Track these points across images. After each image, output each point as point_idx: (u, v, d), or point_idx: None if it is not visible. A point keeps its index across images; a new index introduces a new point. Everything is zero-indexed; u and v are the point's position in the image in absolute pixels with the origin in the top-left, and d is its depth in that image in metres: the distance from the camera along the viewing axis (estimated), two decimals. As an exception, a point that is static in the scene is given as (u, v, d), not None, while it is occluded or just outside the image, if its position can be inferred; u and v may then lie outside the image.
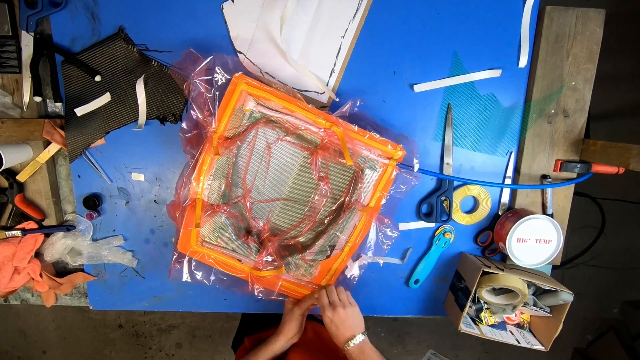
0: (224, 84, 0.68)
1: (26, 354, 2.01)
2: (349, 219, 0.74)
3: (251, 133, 0.71)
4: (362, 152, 0.71)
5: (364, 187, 0.72)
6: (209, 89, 0.67)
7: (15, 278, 0.79)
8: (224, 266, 0.75)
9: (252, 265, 0.75)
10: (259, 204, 0.76)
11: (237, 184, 0.74)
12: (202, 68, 0.66)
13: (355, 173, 0.73)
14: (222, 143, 0.68)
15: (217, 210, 0.72)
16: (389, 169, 0.71)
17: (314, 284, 0.78)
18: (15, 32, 0.73)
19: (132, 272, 0.85)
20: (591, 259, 1.83)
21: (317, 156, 0.71)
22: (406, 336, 1.97)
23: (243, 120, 0.70)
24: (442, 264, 0.85)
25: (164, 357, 2.01)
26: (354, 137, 0.69)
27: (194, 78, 0.66)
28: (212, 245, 0.75)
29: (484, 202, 0.81)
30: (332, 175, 0.74)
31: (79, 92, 0.75)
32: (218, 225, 0.74)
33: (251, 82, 0.66)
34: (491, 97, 0.78)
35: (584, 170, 0.76)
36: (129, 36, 0.74)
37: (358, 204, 0.72)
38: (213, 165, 0.70)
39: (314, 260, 0.76)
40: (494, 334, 0.79)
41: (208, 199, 0.72)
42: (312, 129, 0.69)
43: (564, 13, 0.74)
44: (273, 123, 0.70)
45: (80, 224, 0.81)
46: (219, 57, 0.69)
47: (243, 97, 0.68)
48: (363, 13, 0.74)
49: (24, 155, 0.75)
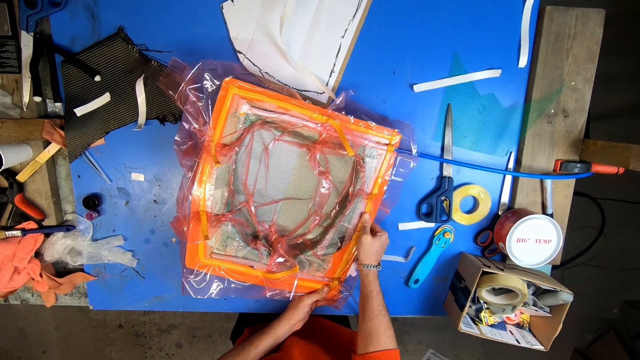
0: (215, 90, 0.67)
1: (26, 354, 2.01)
2: (355, 208, 0.74)
3: (247, 137, 0.70)
4: (361, 142, 0.71)
5: (366, 175, 0.73)
6: (200, 97, 0.66)
7: (15, 278, 0.79)
8: (236, 276, 0.75)
9: (265, 269, 0.74)
10: (263, 207, 0.76)
11: (239, 190, 0.74)
12: (191, 77, 0.65)
13: (356, 163, 0.74)
14: (220, 151, 0.68)
15: (222, 219, 0.72)
16: (387, 154, 0.72)
17: (328, 278, 0.78)
18: (15, 32, 0.73)
19: (132, 272, 0.85)
20: (591, 259, 1.83)
21: (315, 151, 0.71)
22: (406, 336, 1.97)
23: (239, 125, 0.69)
24: (442, 264, 0.85)
25: (164, 357, 2.01)
26: (351, 128, 0.70)
27: (184, 88, 0.64)
28: (222, 256, 0.75)
29: (484, 202, 0.81)
30: (332, 169, 0.74)
31: (78, 92, 0.75)
32: (225, 234, 0.74)
33: (242, 85, 0.65)
34: (491, 97, 0.78)
35: (584, 170, 0.76)
36: (128, 36, 0.74)
37: (362, 192, 0.73)
38: (213, 174, 0.69)
39: (325, 255, 0.77)
40: (493, 334, 0.79)
41: (212, 209, 0.71)
42: (309, 125, 0.69)
43: (564, 13, 0.74)
44: (269, 124, 0.70)
45: (80, 224, 0.81)
46: (207, 63, 0.67)
47: (236, 102, 0.67)
48: (363, 13, 0.74)
49: (24, 155, 0.75)
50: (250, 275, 0.75)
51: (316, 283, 0.77)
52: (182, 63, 0.66)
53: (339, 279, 0.78)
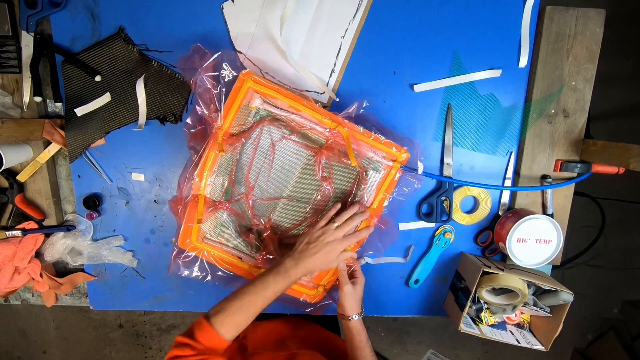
0: (231, 80, 0.68)
1: (26, 354, 2.01)
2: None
3: (256, 131, 0.71)
4: (367, 154, 0.70)
5: (367, 188, 0.72)
6: (215, 85, 0.67)
7: (16, 278, 0.79)
8: (224, 264, 0.75)
9: (253, 263, 0.75)
10: (261, 202, 0.76)
11: (240, 182, 0.74)
12: (210, 64, 0.66)
13: (359, 174, 0.73)
14: (226, 140, 0.68)
15: (219, 207, 0.72)
16: (393, 171, 0.71)
17: (314, 284, 0.78)
18: (15, 32, 0.73)
19: (132, 272, 0.85)
20: (591, 259, 1.83)
21: (321, 156, 0.71)
22: (406, 336, 1.97)
23: (249, 118, 0.70)
24: (442, 264, 0.85)
25: (164, 357, 2.01)
26: (359, 138, 0.69)
27: (201, 73, 0.66)
28: (213, 242, 0.75)
29: (484, 202, 0.81)
30: (335, 176, 0.74)
31: (79, 92, 0.75)
32: (220, 222, 0.74)
33: (258, 80, 0.66)
34: (491, 97, 0.78)
35: (584, 170, 0.76)
36: (129, 36, 0.74)
37: (361, 205, 0.72)
38: (217, 161, 0.70)
39: None
40: (494, 334, 0.79)
41: (210, 195, 0.72)
42: (317, 128, 0.69)
43: (564, 13, 0.74)
44: (278, 121, 0.70)
45: (80, 224, 0.81)
46: (227, 53, 0.69)
47: (249, 95, 0.68)
48: (363, 13, 0.74)
49: (24, 155, 0.75)
50: (237, 266, 0.75)
51: (300, 286, 0.77)
52: (204, 49, 0.67)
53: (324, 287, 0.78)
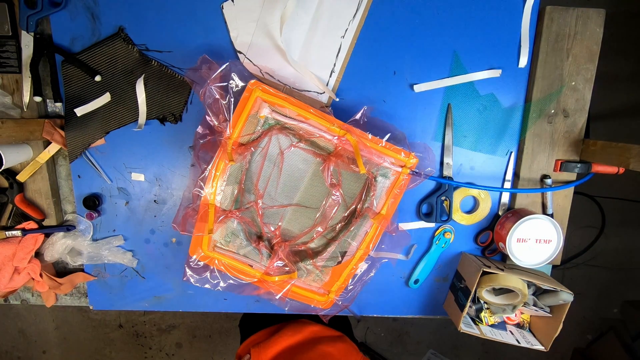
0: (239, 90, 0.69)
1: (26, 354, 2.01)
2: (361, 225, 0.74)
3: (265, 139, 0.71)
4: (375, 160, 0.70)
5: (376, 194, 0.72)
6: (224, 95, 0.68)
7: (15, 278, 0.79)
8: (234, 272, 0.75)
9: (264, 270, 0.75)
10: (271, 210, 0.76)
11: (249, 190, 0.74)
12: (217, 75, 0.67)
13: (368, 180, 0.73)
14: (236, 149, 0.69)
15: (229, 215, 0.72)
16: (401, 176, 0.71)
17: (324, 290, 0.78)
18: (15, 32, 0.73)
19: (132, 272, 0.85)
20: (591, 259, 1.83)
21: (330, 163, 0.71)
22: (406, 336, 1.97)
23: (257, 127, 0.70)
24: (442, 264, 0.85)
25: (164, 357, 2.01)
26: (367, 144, 0.69)
27: (210, 84, 0.67)
28: (224, 251, 0.75)
29: (484, 202, 0.81)
30: (344, 182, 0.74)
31: (79, 92, 0.75)
32: (230, 230, 0.74)
33: (266, 89, 0.66)
34: (491, 97, 0.78)
35: (584, 170, 0.76)
36: (129, 36, 0.74)
37: (370, 211, 0.72)
38: (226, 171, 0.70)
39: (325, 267, 0.76)
40: (494, 334, 0.79)
41: (220, 204, 0.72)
42: (326, 136, 0.69)
43: (564, 13, 0.74)
44: (287, 130, 0.71)
45: (80, 224, 0.81)
46: (235, 63, 0.70)
47: (258, 104, 0.68)
48: (363, 13, 0.74)
49: (24, 155, 0.75)
50: (249, 274, 0.75)
51: (311, 292, 0.77)
52: (212, 60, 0.69)
53: (334, 293, 0.78)
